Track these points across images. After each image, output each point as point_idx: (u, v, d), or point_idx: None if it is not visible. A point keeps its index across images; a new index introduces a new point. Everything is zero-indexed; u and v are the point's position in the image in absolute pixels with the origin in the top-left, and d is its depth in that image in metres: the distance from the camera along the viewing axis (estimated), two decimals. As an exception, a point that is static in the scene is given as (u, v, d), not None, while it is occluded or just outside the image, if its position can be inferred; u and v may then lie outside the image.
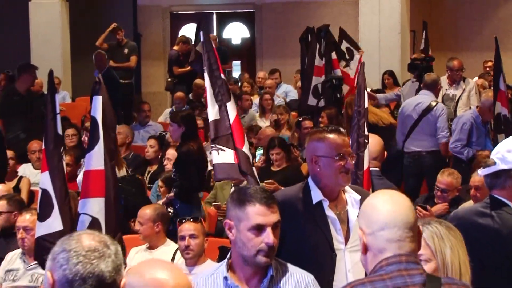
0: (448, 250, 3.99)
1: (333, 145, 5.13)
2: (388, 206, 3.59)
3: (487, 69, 14.22)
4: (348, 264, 5.14)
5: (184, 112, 10.04)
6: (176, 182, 9.37)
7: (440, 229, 4.06)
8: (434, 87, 11.87)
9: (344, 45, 13.59)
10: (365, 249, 3.63)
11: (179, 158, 9.40)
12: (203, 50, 7.32)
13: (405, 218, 3.57)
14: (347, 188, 5.29)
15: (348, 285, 3.61)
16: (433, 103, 11.53)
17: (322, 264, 5.05)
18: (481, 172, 5.06)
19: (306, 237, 5.15)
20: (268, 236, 4.12)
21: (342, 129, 5.61)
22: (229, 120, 6.96)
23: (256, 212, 4.13)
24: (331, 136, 5.17)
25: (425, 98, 11.70)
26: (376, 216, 3.59)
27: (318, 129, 5.75)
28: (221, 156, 6.95)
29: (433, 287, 3.55)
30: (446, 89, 13.59)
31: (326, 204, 5.15)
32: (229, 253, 4.39)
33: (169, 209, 8.95)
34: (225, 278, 4.22)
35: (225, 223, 4.23)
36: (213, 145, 6.96)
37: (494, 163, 4.93)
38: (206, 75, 7.18)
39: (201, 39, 7.79)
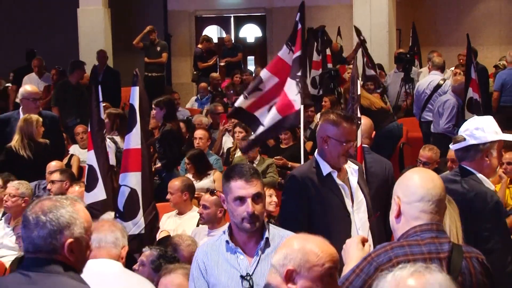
0: (448, 219, 4.02)
1: (344, 131, 5.16)
2: (427, 183, 3.64)
3: (461, 61, 14.23)
4: (358, 223, 5.22)
5: (165, 97, 10.00)
6: (162, 156, 9.57)
7: None
8: (442, 69, 12.72)
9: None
10: (399, 214, 3.66)
11: (163, 136, 9.52)
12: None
13: (439, 195, 3.62)
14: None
15: (388, 245, 3.61)
16: (442, 82, 12.26)
17: (339, 224, 5.11)
18: (453, 147, 5.09)
19: (325, 203, 5.21)
20: (248, 206, 4.09)
21: (353, 118, 5.68)
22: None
23: (237, 186, 4.11)
24: (345, 123, 5.20)
25: (435, 77, 12.48)
26: (415, 189, 3.63)
27: (335, 112, 5.58)
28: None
29: (457, 254, 3.58)
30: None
31: (335, 174, 5.21)
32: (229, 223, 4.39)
33: (155, 178, 9.09)
34: (227, 242, 4.22)
35: (219, 196, 4.25)
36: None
37: (464, 139, 4.97)
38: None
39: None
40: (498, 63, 15.21)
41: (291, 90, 7.37)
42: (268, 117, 7.41)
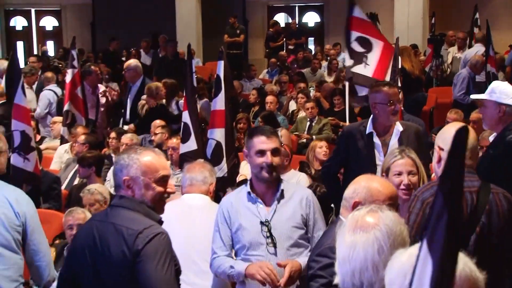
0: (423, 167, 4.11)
1: (386, 95, 5.09)
2: None
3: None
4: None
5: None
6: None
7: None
8: (483, 41, 12.18)
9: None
10: (439, 159, 3.66)
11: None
12: None
13: (472, 144, 3.60)
14: (398, 122, 5.28)
15: (429, 184, 3.68)
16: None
17: (365, 172, 4.97)
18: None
19: (360, 154, 5.20)
20: (268, 158, 3.99)
21: (392, 83, 5.62)
22: None
23: (259, 141, 3.99)
24: (385, 88, 5.14)
25: (480, 48, 12.17)
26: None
27: (377, 83, 5.60)
28: None
29: (485, 189, 3.61)
30: (455, 53, 13.64)
31: (374, 134, 5.17)
32: (250, 177, 4.26)
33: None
34: (248, 193, 4.11)
35: (243, 151, 4.04)
36: None
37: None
38: None
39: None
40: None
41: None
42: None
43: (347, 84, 7.61)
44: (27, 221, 4.20)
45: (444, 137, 3.68)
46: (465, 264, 1.74)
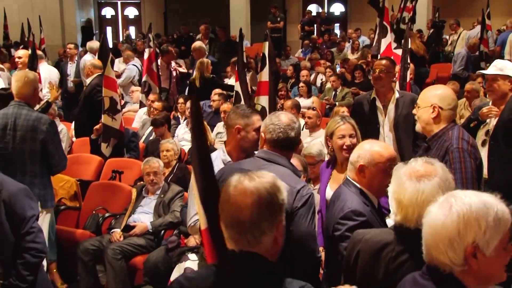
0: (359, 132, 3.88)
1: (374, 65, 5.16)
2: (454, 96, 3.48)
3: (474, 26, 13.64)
4: (386, 131, 5.02)
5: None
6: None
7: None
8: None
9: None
10: (438, 116, 3.37)
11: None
12: None
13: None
14: (396, 91, 5.16)
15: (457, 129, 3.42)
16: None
17: (372, 130, 4.91)
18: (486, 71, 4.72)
19: (365, 115, 5.07)
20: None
21: (388, 58, 5.45)
22: None
23: (257, 119, 3.29)
24: (376, 60, 5.22)
25: (478, 30, 11.70)
26: (450, 101, 3.38)
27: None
28: None
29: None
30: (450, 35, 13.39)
31: (376, 98, 5.06)
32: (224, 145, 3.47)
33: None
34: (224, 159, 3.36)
35: (236, 128, 3.28)
36: None
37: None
38: None
39: None
40: (500, 28, 14.33)
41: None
42: None
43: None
44: None
45: (443, 98, 3.42)
46: None
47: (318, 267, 2.89)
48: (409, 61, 6.64)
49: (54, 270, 5.40)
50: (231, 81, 9.31)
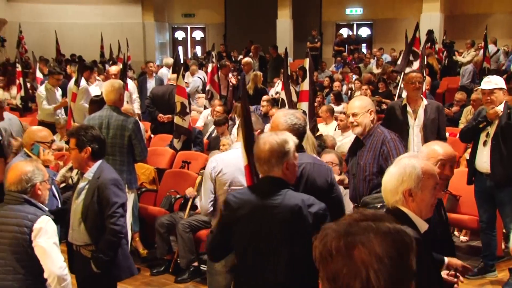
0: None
1: (409, 79, 4.89)
2: None
3: (479, 46, 12.98)
4: (416, 132, 4.85)
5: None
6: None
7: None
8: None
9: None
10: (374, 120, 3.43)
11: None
12: None
13: None
14: (424, 98, 5.00)
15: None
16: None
17: (402, 131, 4.73)
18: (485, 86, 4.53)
19: (399, 119, 4.89)
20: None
21: (418, 71, 5.28)
22: None
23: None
24: (413, 74, 4.98)
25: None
26: (372, 104, 3.57)
27: (408, 72, 5.33)
28: None
29: None
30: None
31: (407, 104, 4.90)
32: None
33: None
34: None
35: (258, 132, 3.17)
36: None
37: None
38: None
39: None
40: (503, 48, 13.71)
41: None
42: None
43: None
44: None
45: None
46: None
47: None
48: (425, 74, 6.43)
49: (137, 239, 5.48)
50: (278, 87, 9.24)
